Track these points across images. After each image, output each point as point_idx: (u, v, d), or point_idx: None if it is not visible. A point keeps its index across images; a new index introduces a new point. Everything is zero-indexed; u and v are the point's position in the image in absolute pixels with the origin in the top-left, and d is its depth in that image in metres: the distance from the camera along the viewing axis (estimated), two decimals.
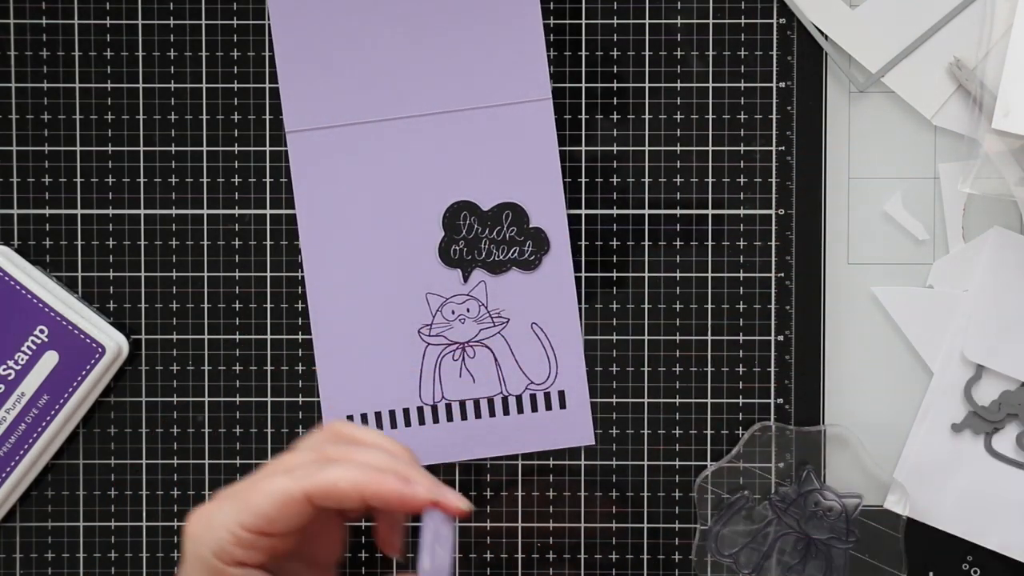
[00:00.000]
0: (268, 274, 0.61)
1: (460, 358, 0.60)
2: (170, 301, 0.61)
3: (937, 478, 0.60)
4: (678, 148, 0.61)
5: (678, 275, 0.61)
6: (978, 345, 0.60)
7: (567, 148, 0.60)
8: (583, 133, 0.61)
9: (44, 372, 0.59)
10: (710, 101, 0.60)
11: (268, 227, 0.61)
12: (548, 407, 0.60)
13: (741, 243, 0.61)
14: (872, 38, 0.60)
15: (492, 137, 0.60)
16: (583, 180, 0.61)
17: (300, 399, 0.61)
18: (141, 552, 0.61)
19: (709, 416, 0.61)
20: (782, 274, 0.61)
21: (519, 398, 0.60)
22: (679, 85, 0.60)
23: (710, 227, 0.61)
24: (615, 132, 0.61)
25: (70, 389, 0.59)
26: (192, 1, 0.60)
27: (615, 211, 0.61)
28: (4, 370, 0.59)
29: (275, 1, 0.60)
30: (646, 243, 0.61)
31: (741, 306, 0.61)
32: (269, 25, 0.60)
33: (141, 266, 0.61)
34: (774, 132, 0.60)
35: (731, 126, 0.60)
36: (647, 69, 0.61)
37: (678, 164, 0.61)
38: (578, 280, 0.60)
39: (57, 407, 0.59)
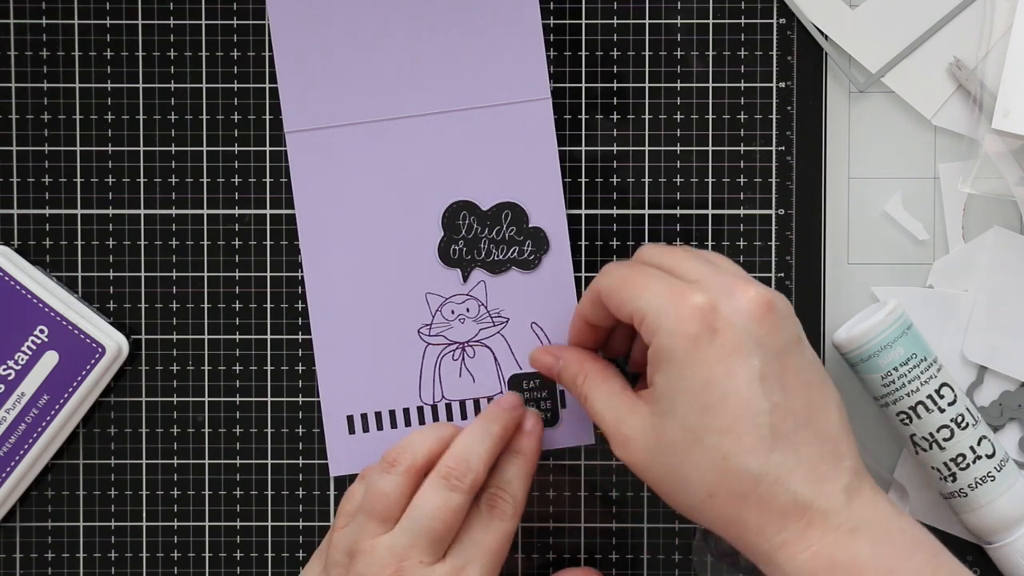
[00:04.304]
0: (268, 274, 0.61)
1: (460, 358, 0.60)
2: (170, 301, 0.61)
3: None
4: (678, 148, 0.61)
5: None
6: (978, 345, 0.60)
7: (567, 148, 0.60)
8: (583, 133, 0.61)
9: (44, 372, 0.59)
10: (710, 101, 0.60)
11: (268, 227, 0.61)
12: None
13: (741, 243, 0.61)
14: (872, 38, 0.60)
15: (492, 137, 0.60)
16: (583, 180, 0.61)
17: (300, 399, 0.61)
18: (141, 552, 0.61)
19: None
20: (782, 274, 0.61)
21: None
22: (679, 85, 0.60)
23: (710, 227, 0.61)
24: (615, 132, 0.61)
25: (70, 389, 0.59)
26: (192, 1, 0.60)
27: (615, 211, 0.61)
28: (4, 370, 0.59)
29: (275, 1, 0.60)
30: (646, 243, 0.61)
31: None
32: (269, 25, 0.60)
33: (141, 266, 0.61)
34: (774, 132, 0.60)
35: (731, 126, 0.61)
36: (647, 69, 0.61)
37: (678, 164, 0.61)
38: (578, 280, 0.60)
39: (57, 407, 0.59)
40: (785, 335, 0.50)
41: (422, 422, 0.60)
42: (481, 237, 0.60)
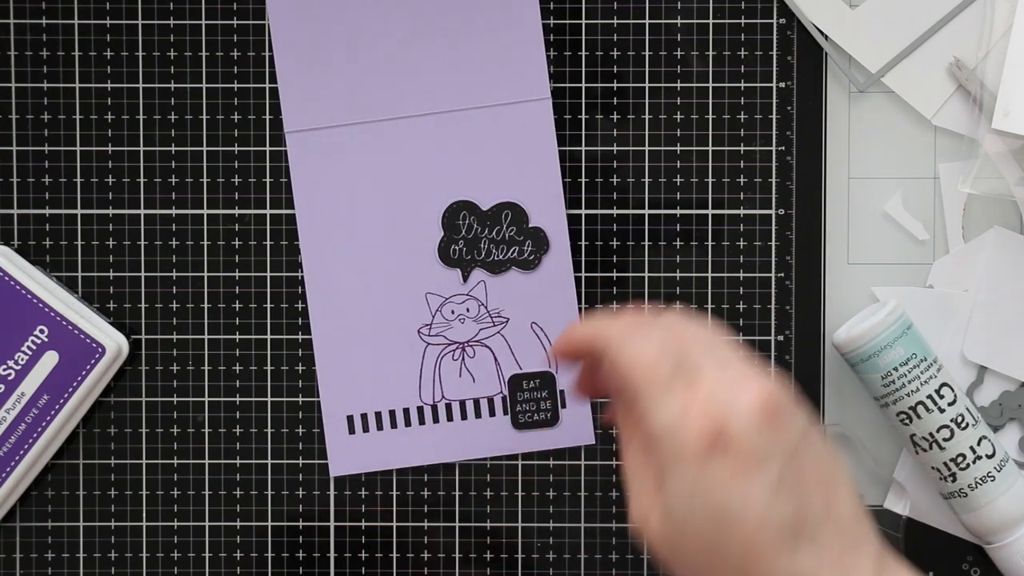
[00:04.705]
0: (268, 274, 0.61)
1: (460, 358, 0.60)
2: (170, 301, 0.61)
3: None
4: (678, 148, 0.61)
5: (678, 275, 0.61)
6: (978, 345, 0.60)
7: (567, 148, 0.60)
8: (583, 133, 0.61)
9: (44, 372, 0.59)
10: (710, 101, 0.60)
11: (268, 227, 0.61)
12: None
13: (741, 243, 0.61)
14: (872, 38, 0.60)
15: (492, 137, 0.60)
16: (583, 180, 0.61)
17: (300, 399, 0.61)
18: (141, 552, 0.61)
19: None
20: (782, 274, 0.61)
21: None
22: (679, 85, 0.60)
23: (710, 227, 0.61)
24: (615, 132, 0.61)
25: (70, 389, 0.59)
26: (192, 1, 0.60)
27: (615, 211, 0.61)
28: (4, 370, 0.59)
29: (274, 1, 0.60)
30: (646, 243, 0.61)
31: (741, 306, 0.61)
32: (269, 25, 0.60)
33: (141, 266, 0.61)
34: (774, 132, 0.60)
35: (731, 126, 0.60)
36: (647, 69, 0.61)
37: (678, 164, 0.61)
38: (578, 280, 0.60)
39: (57, 407, 0.59)
40: (795, 433, 0.48)
41: (422, 422, 0.60)
42: (481, 237, 0.60)
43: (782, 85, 0.60)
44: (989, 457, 0.57)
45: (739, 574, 0.48)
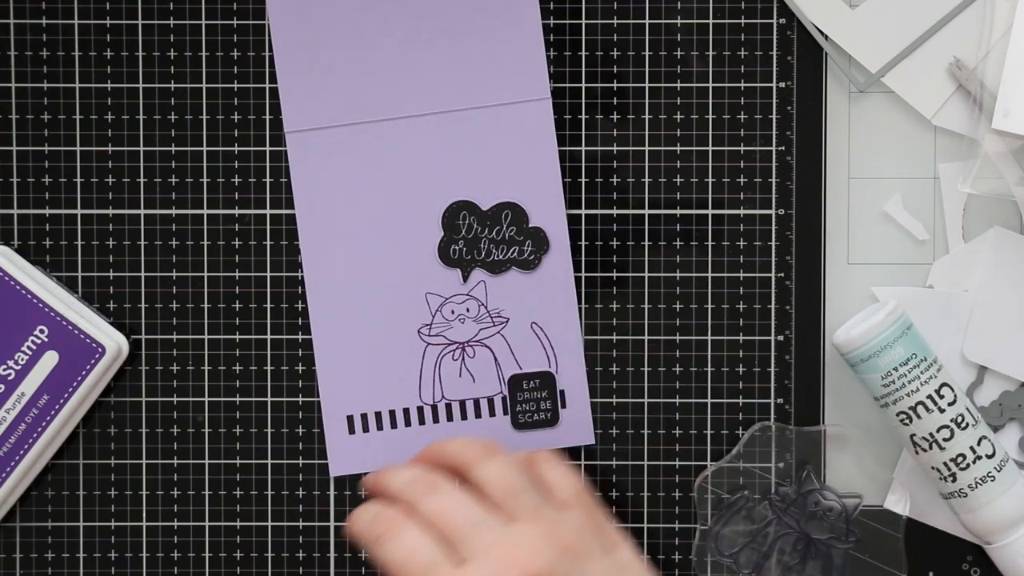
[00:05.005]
0: (268, 274, 0.61)
1: (460, 358, 0.60)
2: (170, 301, 0.61)
3: None
4: (678, 148, 0.61)
5: (678, 275, 0.61)
6: (978, 345, 0.60)
7: (567, 148, 0.60)
8: (583, 133, 0.61)
9: (44, 372, 0.59)
10: (710, 101, 0.60)
11: (268, 227, 0.61)
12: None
13: (741, 243, 0.61)
14: (872, 38, 0.60)
15: (492, 137, 0.60)
16: (583, 180, 0.61)
17: (300, 399, 0.61)
18: (141, 552, 0.61)
19: (709, 416, 0.61)
20: (782, 274, 0.61)
21: None
22: (679, 85, 0.60)
23: (710, 227, 0.61)
24: (615, 132, 0.61)
25: (70, 389, 0.59)
26: (192, 1, 0.60)
27: (615, 211, 0.61)
28: (4, 370, 0.59)
29: (274, 1, 0.60)
30: (646, 243, 0.61)
31: (741, 306, 0.61)
32: (269, 25, 0.60)
33: (141, 266, 0.61)
34: (774, 132, 0.60)
35: (731, 126, 0.61)
36: (647, 69, 0.61)
37: (678, 164, 0.61)
38: (578, 280, 0.60)
39: (57, 407, 0.59)
40: None
41: (422, 422, 0.60)
42: (481, 237, 0.60)
43: (782, 85, 0.60)
44: (989, 457, 0.57)
45: None
